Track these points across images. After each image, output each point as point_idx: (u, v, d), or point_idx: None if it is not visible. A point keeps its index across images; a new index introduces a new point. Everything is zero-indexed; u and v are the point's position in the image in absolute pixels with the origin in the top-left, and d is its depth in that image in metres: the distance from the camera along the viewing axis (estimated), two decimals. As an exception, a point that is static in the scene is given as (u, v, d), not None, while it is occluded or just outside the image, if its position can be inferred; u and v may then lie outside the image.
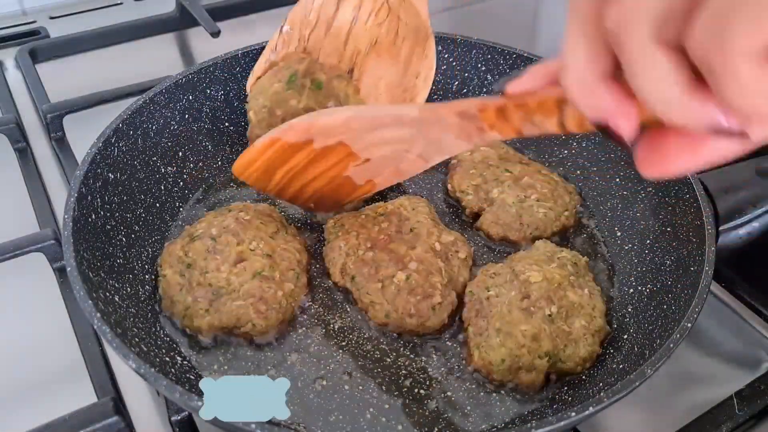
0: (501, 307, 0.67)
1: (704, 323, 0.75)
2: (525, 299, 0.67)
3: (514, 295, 0.67)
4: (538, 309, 0.66)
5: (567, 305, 0.67)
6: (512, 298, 0.67)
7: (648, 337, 0.64)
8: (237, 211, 0.76)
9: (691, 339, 0.73)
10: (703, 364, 0.72)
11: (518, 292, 0.67)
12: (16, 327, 0.74)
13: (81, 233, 0.65)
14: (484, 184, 0.83)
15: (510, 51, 0.95)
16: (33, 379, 0.68)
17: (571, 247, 0.79)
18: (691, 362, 0.72)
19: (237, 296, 0.68)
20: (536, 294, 0.67)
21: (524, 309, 0.66)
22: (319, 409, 0.64)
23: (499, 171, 0.84)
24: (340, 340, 0.70)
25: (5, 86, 1.10)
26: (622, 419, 0.66)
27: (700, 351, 0.73)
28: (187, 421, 0.62)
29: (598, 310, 0.69)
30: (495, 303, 0.67)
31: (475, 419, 0.63)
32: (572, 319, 0.66)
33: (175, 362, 0.65)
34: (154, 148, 0.83)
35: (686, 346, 0.73)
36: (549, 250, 0.74)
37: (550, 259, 0.72)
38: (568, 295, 0.68)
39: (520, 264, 0.71)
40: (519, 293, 0.67)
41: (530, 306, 0.66)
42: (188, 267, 0.70)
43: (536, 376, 0.64)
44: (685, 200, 0.74)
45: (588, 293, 0.69)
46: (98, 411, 0.58)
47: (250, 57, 0.92)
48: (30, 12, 1.32)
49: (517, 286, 0.68)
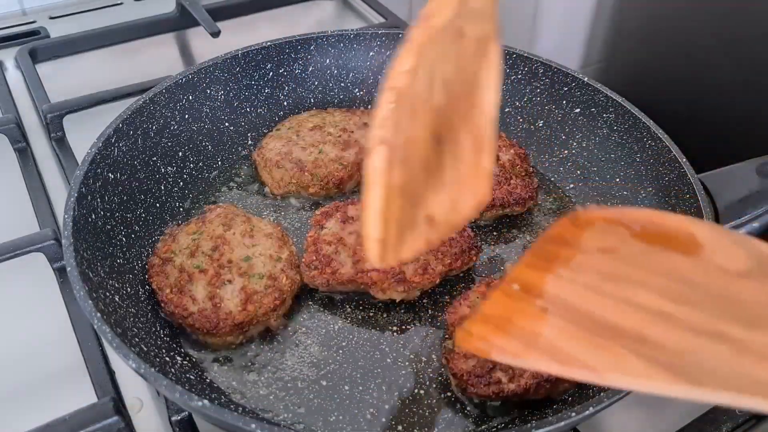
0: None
1: (704, 323, 0.75)
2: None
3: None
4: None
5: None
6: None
7: (648, 337, 0.64)
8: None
9: (691, 339, 0.73)
10: (703, 364, 0.72)
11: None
12: (16, 327, 0.73)
13: (81, 233, 0.65)
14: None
15: (510, 51, 0.95)
16: (33, 379, 0.68)
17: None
18: (691, 362, 0.72)
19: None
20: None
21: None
22: (319, 409, 0.64)
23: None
24: (340, 340, 0.70)
25: (5, 86, 1.10)
26: (622, 419, 0.66)
27: (700, 351, 0.73)
28: (187, 421, 0.62)
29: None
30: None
31: (475, 419, 0.63)
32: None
33: (175, 362, 0.65)
34: (154, 148, 0.83)
35: (686, 346, 0.72)
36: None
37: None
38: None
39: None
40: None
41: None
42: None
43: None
44: (685, 200, 0.74)
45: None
46: (98, 411, 0.58)
47: (250, 57, 0.92)
48: (30, 12, 1.32)
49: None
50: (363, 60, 1.00)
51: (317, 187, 0.86)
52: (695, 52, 1.08)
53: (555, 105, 0.94)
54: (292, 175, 0.86)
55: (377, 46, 1.00)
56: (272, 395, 0.65)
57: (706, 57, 1.06)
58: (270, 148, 0.89)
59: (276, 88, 0.97)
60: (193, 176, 0.88)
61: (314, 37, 0.97)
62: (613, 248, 0.49)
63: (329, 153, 0.88)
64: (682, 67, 1.10)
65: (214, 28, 1.16)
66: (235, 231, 0.76)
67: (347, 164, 0.87)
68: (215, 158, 0.91)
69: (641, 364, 0.41)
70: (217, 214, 0.78)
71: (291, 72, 0.98)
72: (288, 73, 0.98)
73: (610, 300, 0.46)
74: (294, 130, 0.92)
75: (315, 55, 0.98)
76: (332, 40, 0.98)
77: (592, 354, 0.43)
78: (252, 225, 0.77)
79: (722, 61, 1.04)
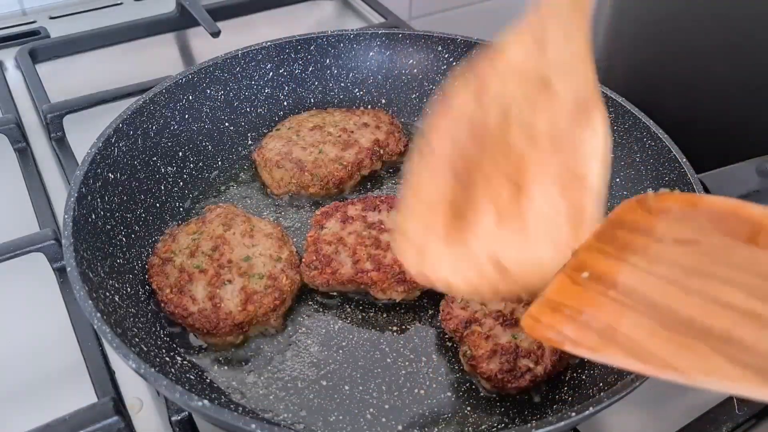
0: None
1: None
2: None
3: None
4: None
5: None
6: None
7: (648, 337, 0.64)
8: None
9: (691, 339, 0.73)
10: (703, 364, 0.72)
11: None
12: (16, 327, 0.73)
13: (81, 233, 0.65)
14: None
15: (510, 51, 0.95)
16: (33, 379, 0.68)
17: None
18: (691, 362, 0.72)
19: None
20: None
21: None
22: (319, 409, 0.64)
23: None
24: (340, 340, 0.70)
25: (5, 86, 1.10)
26: (622, 419, 0.66)
27: (700, 351, 0.73)
28: (187, 421, 0.62)
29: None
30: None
31: (475, 419, 0.63)
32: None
33: (175, 362, 0.65)
34: (154, 148, 0.83)
35: (686, 346, 0.72)
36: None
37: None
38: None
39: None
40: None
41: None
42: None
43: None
44: (685, 200, 0.74)
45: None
46: (98, 411, 0.58)
47: (250, 57, 0.92)
48: (30, 12, 1.32)
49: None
50: (363, 60, 1.00)
51: (317, 187, 0.86)
52: (695, 52, 1.08)
53: (555, 105, 0.94)
54: (292, 175, 0.86)
55: (377, 46, 1.00)
56: (272, 395, 0.65)
57: (706, 57, 1.06)
58: (270, 148, 0.89)
59: (276, 88, 0.97)
60: (193, 176, 0.88)
61: (314, 37, 0.97)
62: (693, 240, 0.46)
63: (329, 153, 0.88)
64: (682, 67, 1.10)
65: (214, 28, 1.16)
66: (235, 231, 0.76)
67: (347, 164, 0.87)
68: (215, 158, 0.91)
69: (730, 367, 0.39)
70: (217, 214, 0.78)
71: (291, 72, 0.98)
72: (288, 73, 0.98)
73: (695, 297, 0.44)
74: (294, 130, 0.92)
75: (315, 55, 0.98)
76: (332, 40, 0.98)
77: (677, 354, 0.41)
78: (252, 225, 0.77)
79: (722, 61, 1.04)
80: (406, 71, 1.01)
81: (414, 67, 1.01)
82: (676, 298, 0.44)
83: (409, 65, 1.01)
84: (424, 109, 1.02)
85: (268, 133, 0.93)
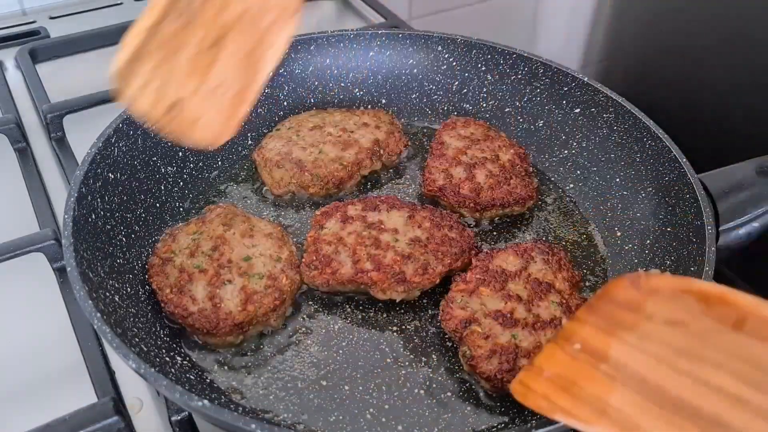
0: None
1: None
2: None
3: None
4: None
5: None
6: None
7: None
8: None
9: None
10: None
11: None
12: (16, 327, 0.73)
13: (81, 233, 0.65)
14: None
15: (510, 51, 0.95)
16: (33, 379, 0.68)
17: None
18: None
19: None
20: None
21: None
22: (319, 409, 0.64)
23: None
24: (340, 340, 0.70)
25: (5, 86, 1.10)
26: (622, 419, 0.66)
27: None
28: (187, 421, 0.62)
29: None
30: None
31: (475, 419, 0.63)
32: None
33: (175, 362, 0.65)
34: (154, 148, 0.83)
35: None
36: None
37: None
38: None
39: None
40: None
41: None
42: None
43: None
44: (685, 200, 0.74)
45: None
46: (98, 411, 0.58)
47: (250, 57, 0.92)
48: (30, 12, 1.32)
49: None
50: (363, 60, 1.00)
51: (317, 187, 0.86)
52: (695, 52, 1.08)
53: (555, 105, 0.94)
54: (292, 175, 0.86)
55: (377, 46, 1.00)
56: (272, 395, 0.65)
57: (706, 57, 1.06)
58: (270, 148, 0.89)
59: (276, 88, 0.97)
60: (193, 176, 0.88)
61: (314, 37, 0.97)
62: (682, 321, 0.48)
63: (329, 153, 0.88)
64: (682, 67, 1.10)
65: (213, 28, 1.15)
66: (235, 231, 0.76)
67: (347, 164, 0.87)
68: (215, 158, 0.91)
69: None
70: (217, 214, 0.78)
71: (291, 72, 0.98)
72: (288, 73, 0.98)
73: (685, 377, 0.45)
74: (294, 130, 0.92)
75: (315, 55, 0.98)
76: (332, 40, 0.98)
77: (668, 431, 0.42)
78: (252, 225, 0.77)
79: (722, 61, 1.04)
80: (406, 71, 1.01)
81: (414, 67, 1.01)
82: (666, 376, 0.46)
83: (409, 65, 1.01)
84: (424, 109, 1.02)
85: (268, 133, 0.93)
